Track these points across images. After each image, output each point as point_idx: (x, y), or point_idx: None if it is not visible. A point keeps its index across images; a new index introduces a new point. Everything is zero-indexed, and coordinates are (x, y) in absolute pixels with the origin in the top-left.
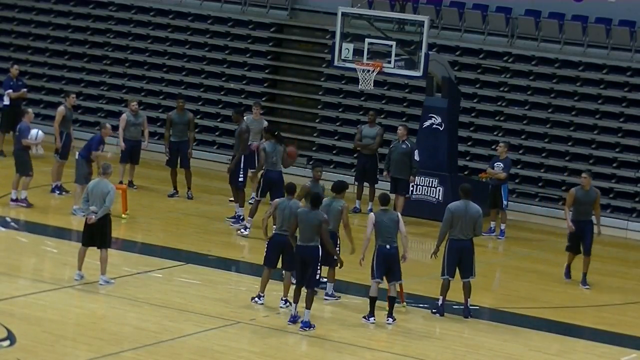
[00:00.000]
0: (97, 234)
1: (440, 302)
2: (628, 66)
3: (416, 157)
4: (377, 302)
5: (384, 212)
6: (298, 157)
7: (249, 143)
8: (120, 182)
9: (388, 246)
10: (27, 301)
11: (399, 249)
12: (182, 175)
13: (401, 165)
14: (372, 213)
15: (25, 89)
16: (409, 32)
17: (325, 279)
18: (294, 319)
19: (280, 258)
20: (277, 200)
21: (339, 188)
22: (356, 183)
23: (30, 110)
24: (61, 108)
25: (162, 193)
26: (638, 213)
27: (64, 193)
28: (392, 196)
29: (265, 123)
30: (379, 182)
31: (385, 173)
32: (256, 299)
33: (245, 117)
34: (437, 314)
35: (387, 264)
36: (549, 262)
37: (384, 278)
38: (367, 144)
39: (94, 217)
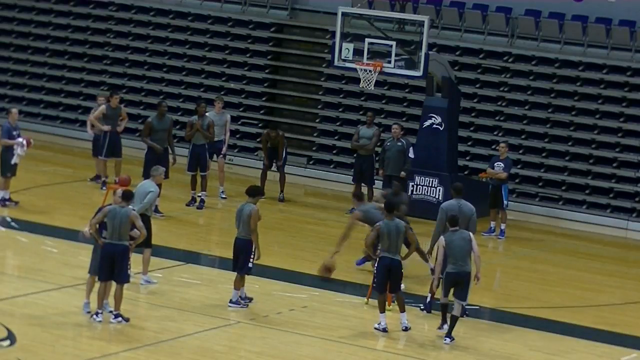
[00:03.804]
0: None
1: (428, 299)
2: (628, 66)
3: (411, 155)
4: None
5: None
6: (298, 157)
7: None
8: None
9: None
10: (27, 301)
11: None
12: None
13: (398, 163)
14: (441, 237)
15: None
16: (409, 32)
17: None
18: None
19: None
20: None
21: (252, 192)
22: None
23: (14, 110)
24: (102, 106)
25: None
26: (638, 213)
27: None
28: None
29: (228, 117)
30: (375, 182)
31: (381, 171)
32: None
33: (207, 112)
34: (424, 311)
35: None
36: (549, 262)
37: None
38: (364, 144)
39: None
